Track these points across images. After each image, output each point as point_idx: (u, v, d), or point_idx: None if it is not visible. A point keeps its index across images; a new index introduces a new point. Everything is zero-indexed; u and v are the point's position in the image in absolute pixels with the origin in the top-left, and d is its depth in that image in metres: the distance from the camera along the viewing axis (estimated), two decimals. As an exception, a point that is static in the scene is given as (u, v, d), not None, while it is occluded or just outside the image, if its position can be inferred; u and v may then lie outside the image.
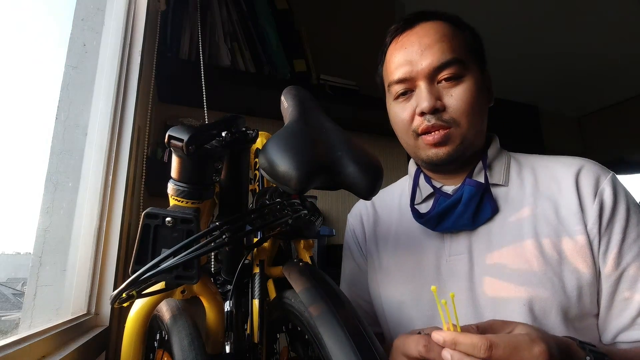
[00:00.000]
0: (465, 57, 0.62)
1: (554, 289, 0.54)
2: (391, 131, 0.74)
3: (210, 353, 0.53)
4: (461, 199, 0.61)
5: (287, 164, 0.41)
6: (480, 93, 0.62)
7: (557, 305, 0.54)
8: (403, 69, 0.63)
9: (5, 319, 0.81)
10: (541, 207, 0.60)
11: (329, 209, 1.64)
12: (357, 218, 0.79)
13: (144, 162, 0.95)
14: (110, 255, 0.71)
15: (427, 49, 0.62)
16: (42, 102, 0.78)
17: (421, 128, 0.62)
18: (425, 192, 0.69)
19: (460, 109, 0.60)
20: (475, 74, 0.63)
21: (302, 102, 0.51)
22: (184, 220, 0.39)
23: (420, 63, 0.61)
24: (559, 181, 0.61)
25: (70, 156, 0.72)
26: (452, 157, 0.62)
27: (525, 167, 0.65)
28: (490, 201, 0.61)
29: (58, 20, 0.83)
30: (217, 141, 0.43)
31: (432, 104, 0.60)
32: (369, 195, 0.45)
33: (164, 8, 1.10)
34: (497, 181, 0.64)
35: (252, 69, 1.41)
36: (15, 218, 0.70)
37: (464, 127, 0.61)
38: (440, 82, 0.61)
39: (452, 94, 0.61)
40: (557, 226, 0.58)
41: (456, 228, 0.62)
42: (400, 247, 0.69)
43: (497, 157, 0.66)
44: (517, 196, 0.62)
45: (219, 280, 0.63)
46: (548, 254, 0.56)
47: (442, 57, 0.61)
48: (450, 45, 0.61)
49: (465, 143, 0.62)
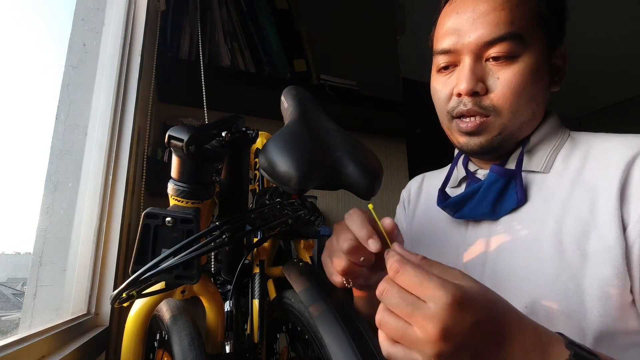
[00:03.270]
0: (527, 30, 0.52)
1: (565, 295, 0.47)
2: (391, 131, 0.73)
3: (210, 353, 0.53)
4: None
5: (287, 164, 0.41)
6: (536, 77, 0.53)
7: (567, 313, 0.46)
8: (449, 38, 0.55)
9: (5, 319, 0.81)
10: (576, 197, 0.50)
11: (329, 209, 1.64)
12: (408, 188, 0.78)
13: (144, 162, 0.95)
14: (110, 255, 0.71)
15: (481, 17, 0.52)
16: (42, 102, 0.78)
17: (456, 111, 0.55)
18: (460, 175, 0.64)
19: (504, 95, 0.52)
20: (538, 52, 0.53)
21: (302, 102, 0.51)
22: (183, 220, 0.39)
23: (469, 35, 0.53)
24: (608, 165, 0.49)
25: (70, 156, 0.72)
26: (486, 149, 0.55)
27: (578, 149, 0.54)
28: (517, 190, 0.53)
29: (58, 20, 0.83)
30: (217, 141, 0.43)
31: (470, 86, 0.52)
32: (368, 195, 0.45)
33: (164, 8, 1.10)
34: (535, 168, 0.55)
35: (252, 69, 1.41)
36: (15, 218, 0.70)
37: (506, 116, 0.53)
38: (489, 60, 0.53)
39: (498, 76, 0.52)
40: (587, 222, 0.48)
41: (475, 216, 0.57)
42: (428, 229, 0.67)
43: (545, 140, 0.56)
44: (553, 185, 0.53)
45: (219, 280, 0.63)
46: (568, 254, 0.48)
47: (495, 31, 0.51)
48: (510, 15, 0.51)
49: (505, 134, 0.54)
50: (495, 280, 0.53)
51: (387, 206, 1.71)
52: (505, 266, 0.53)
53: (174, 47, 1.27)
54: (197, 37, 1.24)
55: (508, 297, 0.50)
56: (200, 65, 1.06)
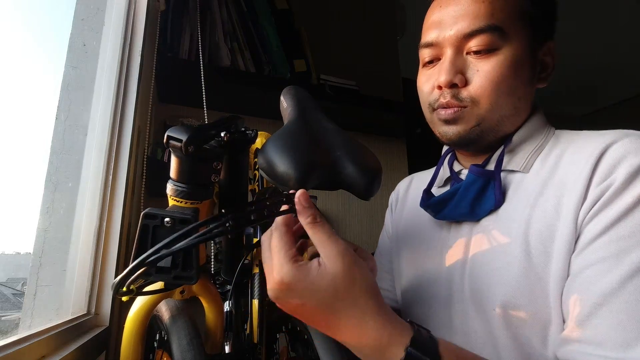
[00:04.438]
0: (507, 23, 0.51)
1: (532, 297, 0.46)
2: (391, 131, 0.74)
3: (209, 353, 0.53)
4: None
5: (286, 164, 0.41)
6: (517, 70, 0.52)
7: (534, 316, 0.46)
8: (432, 32, 0.55)
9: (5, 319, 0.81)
10: (545, 197, 0.49)
11: (329, 209, 1.64)
12: (396, 191, 0.79)
13: (144, 162, 0.95)
14: (110, 255, 0.71)
15: (462, 10, 0.52)
16: (42, 102, 0.78)
17: (437, 103, 0.56)
18: (445, 175, 0.64)
19: (482, 87, 0.52)
20: (520, 45, 0.52)
21: (301, 102, 0.51)
22: (182, 220, 0.39)
23: (450, 28, 0.53)
24: (579, 161, 0.48)
25: (70, 156, 0.72)
26: (464, 138, 0.55)
27: (557, 148, 0.53)
28: (496, 191, 0.53)
29: (58, 20, 0.83)
30: (216, 141, 0.43)
31: (449, 77, 0.52)
32: (367, 195, 0.45)
33: (164, 8, 1.10)
34: (515, 167, 0.54)
35: (252, 69, 1.41)
36: (15, 218, 0.70)
37: (483, 108, 0.52)
38: (470, 53, 0.53)
39: (478, 68, 0.52)
40: (553, 221, 0.47)
41: (454, 217, 0.57)
42: (414, 229, 0.67)
43: (528, 139, 0.56)
44: (529, 185, 0.52)
45: (219, 281, 0.63)
46: (534, 255, 0.47)
47: (475, 23, 0.51)
48: (490, 8, 0.51)
49: (483, 126, 0.53)
50: (473, 283, 0.53)
51: (386, 206, 1.70)
52: (481, 268, 0.53)
53: (174, 47, 1.27)
54: (197, 37, 1.24)
55: (485, 299, 0.51)
56: (200, 65, 1.06)
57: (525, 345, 0.47)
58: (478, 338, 0.51)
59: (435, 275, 0.59)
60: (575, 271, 0.44)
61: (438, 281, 0.58)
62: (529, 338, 0.47)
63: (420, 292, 0.62)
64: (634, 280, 0.39)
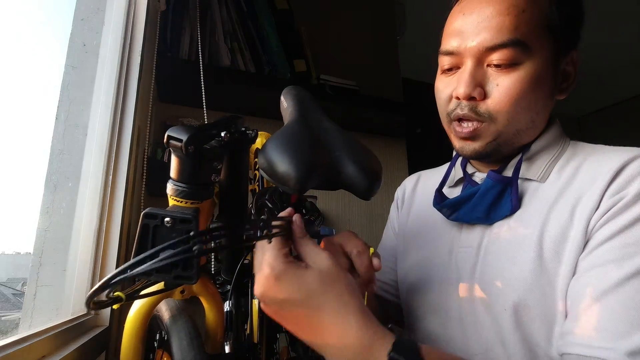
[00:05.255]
0: (532, 37, 0.50)
1: (544, 298, 0.48)
2: (391, 131, 0.73)
3: (209, 353, 0.53)
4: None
5: (286, 163, 0.41)
6: (538, 85, 0.52)
7: (544, 317, 0.48)
8: (453, 40, 0.54)
9: (5, 319, 0.81)
10: (560, 205, 0.51)
11: (329, 209, 1.64)
12: (403, 186, 0.80)
13: (144, 162, 0.95)
14: (110, 255, 0.71)
15: (485, 21, 0.51)
16: (42, 102, 0.78)
17: (454, 114, 0.55)
18: (457, 176, 0.65)
19: (500, 102, 0.51)
20: (543, 59, 0.51)
21: (302, 102, 0.51)
22: (182, 220, 0.39)
23: (472, 39, 0.52)
24: (597, 176, 0.49)
25: (70, 156, 0.72)
26: (480, 154, 0.56)
27: (575, 159, 0.54)
28: (512, 197, 0.54)
29: (58, 20, 0.83)
30: (217, 141, 0.43)
31: (468, 90, 0.52)
32: (368, 195, 0.45)
33: (164, 8, 1.10)
34: (532, 176, 0.55)
35: (252, 69, 1.41)
36: (15, 218, 0.70)
37: (501, 124, 0.52)
38: (490, 66, 0.52)
39: (498, 83, 0.51)
40: (566, 227, 0.49)
41: (469, 220, 0.58)
42: (422, 228, 0.68)
43: (545, 149, 0.56)
44: (544, 193, 0.53)
45: (219, 280, 0.63)
46: (547, 259, 0.49)
47: (498, 37, 0.50)
48: (515, 21, 0.50)
49: (500, 140, 0.54)
50: (483, 283, 0.54)
51: (386, 206, 1.70)
52: (492, 270, 0.54)
53: (174, 47, 1.27)
54: (197, 37, 1.23)
55: (494, 300, 0.52)
56: (200, 65, 1.06)
57: (533, 344, 0.49)
58: (487, 337, 0.52)
59: (444, 274, 0.60)
60: (580, 271, 0.46)
61: (446, 280, 0.59)
62: (537, 337, 0.48)
63: (426, 290, 0.62)
64: (632, 281, 0.41)
